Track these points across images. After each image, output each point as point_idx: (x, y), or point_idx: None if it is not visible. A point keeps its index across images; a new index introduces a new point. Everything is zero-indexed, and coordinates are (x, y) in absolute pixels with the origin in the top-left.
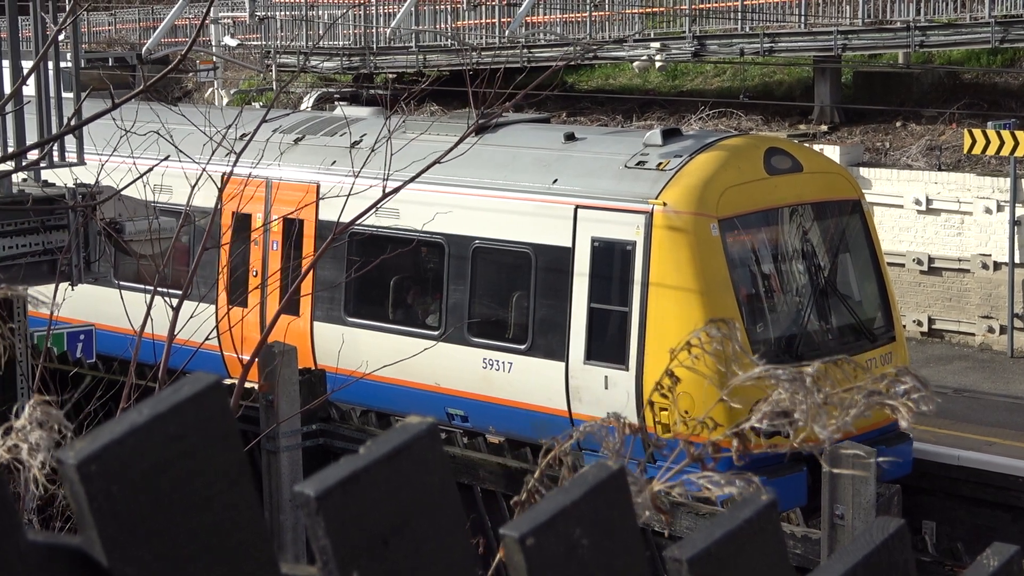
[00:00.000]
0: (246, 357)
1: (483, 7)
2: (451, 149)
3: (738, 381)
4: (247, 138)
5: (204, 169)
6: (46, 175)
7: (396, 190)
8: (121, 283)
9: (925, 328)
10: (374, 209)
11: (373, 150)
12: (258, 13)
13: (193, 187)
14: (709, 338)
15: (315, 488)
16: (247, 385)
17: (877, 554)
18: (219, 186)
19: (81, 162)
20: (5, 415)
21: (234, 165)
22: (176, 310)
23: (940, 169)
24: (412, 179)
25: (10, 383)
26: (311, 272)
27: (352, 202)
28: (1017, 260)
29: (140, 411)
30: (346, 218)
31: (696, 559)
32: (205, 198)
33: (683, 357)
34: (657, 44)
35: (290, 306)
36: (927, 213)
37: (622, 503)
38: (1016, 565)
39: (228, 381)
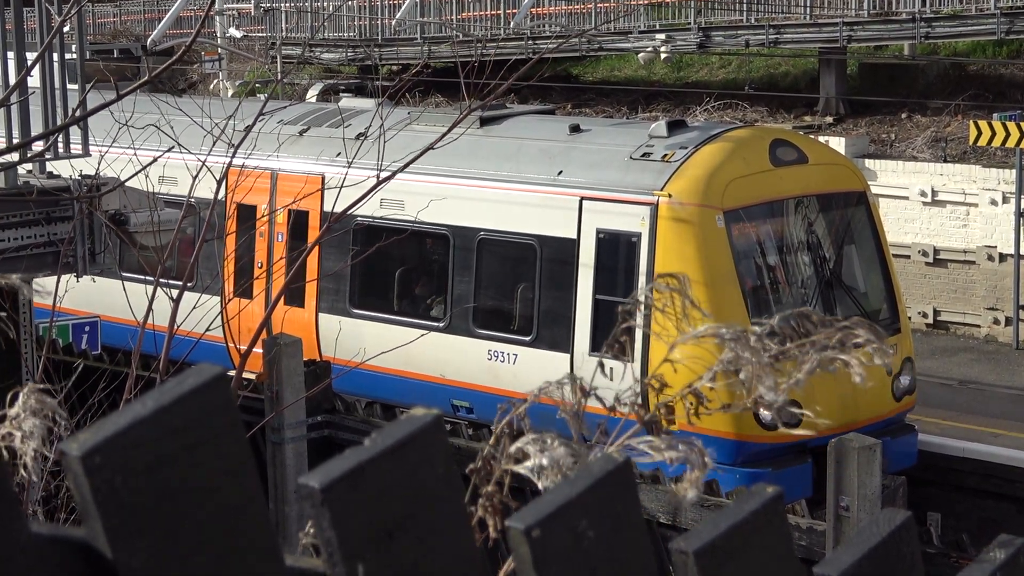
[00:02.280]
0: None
1: None
2: (444, 135)
3: (680, 340)
4: (248, 129)
5: (203, 162)
6: (51, 166)
7: (389, 177)
8: (125, 274)
9: (930, 320)
10: (370, 196)
11: (384, 139)
12: (263, 4)
13: (194, 178)
14: (658, 294)
15: (320, 480)
16: (249, 375)
17: (884, 546)
18: (217, 178)
19: (86, 153)
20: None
21: (233, 155)
22: (176, 301)
23: (945, 161)
24: (404, 167)
25: (14, 374)
26: (317, 264)
27: (356, 193)
28: (1022, 252)
29: (144, 403)
30: (353, 210)
31: (702, 551)
32: (210, 190)
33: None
34: (662, 35)
35: (295, 298)
36: (932, 205)
37: (628, 495)
38: (1022, 557)
39: (232, 372)
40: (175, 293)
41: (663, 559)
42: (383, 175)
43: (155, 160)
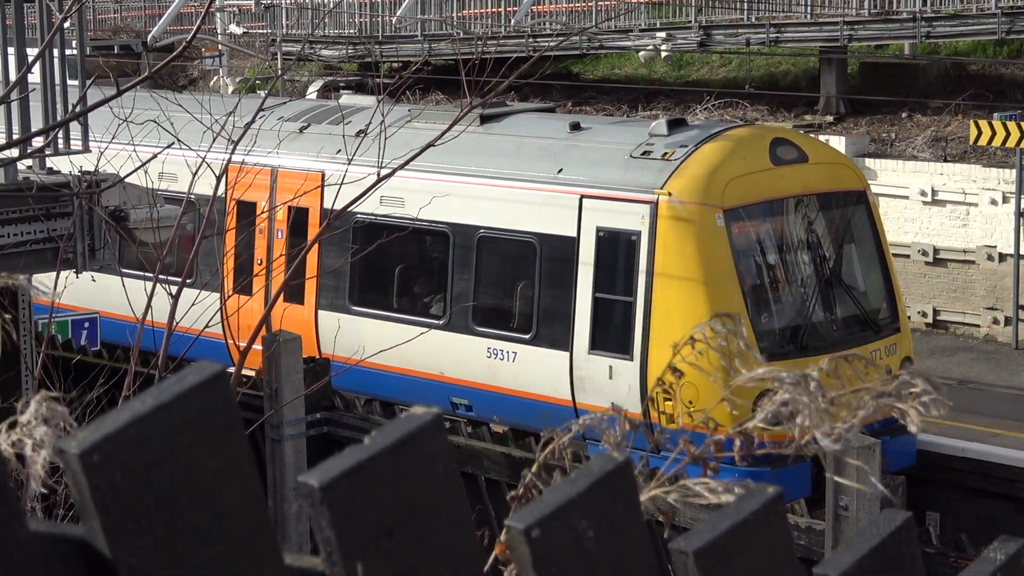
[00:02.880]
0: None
1: None
2: (444, 132)
3: (741, 381)
4: (248, 126)
5: (203, 159)
6: (50, 162)
7: (390, 174)
8: (125, 271)
9: (930, 319)
10: (369, 193)
11: (384, 137)
12: (263, 1)
13: (194, 175)
14: (714, 333)
15: (319, 479)
16: (248, 372)
17: (884, 546)
18: (216, 174)
19: (86, 149)
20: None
21: (233, 152)
22: (175, 298)
23: (946, 160)
24: (404, 164)
25: (13, 368)
26: (317, 261)
27: (356, 190)
28: (1022, 251)
29: (143, 401)
30: (353, 207)
31: (702, 551)
32: (210, 186)
33: (686, 352)
34: (663, 34)
35: (295, 295)
36: (932, 204)
37: (628, 495)
38: (1022, 558)
39: (231, 369)
40: (174, 289)
41: (662, 559)
42: (383, 172)
43: (155, 156)
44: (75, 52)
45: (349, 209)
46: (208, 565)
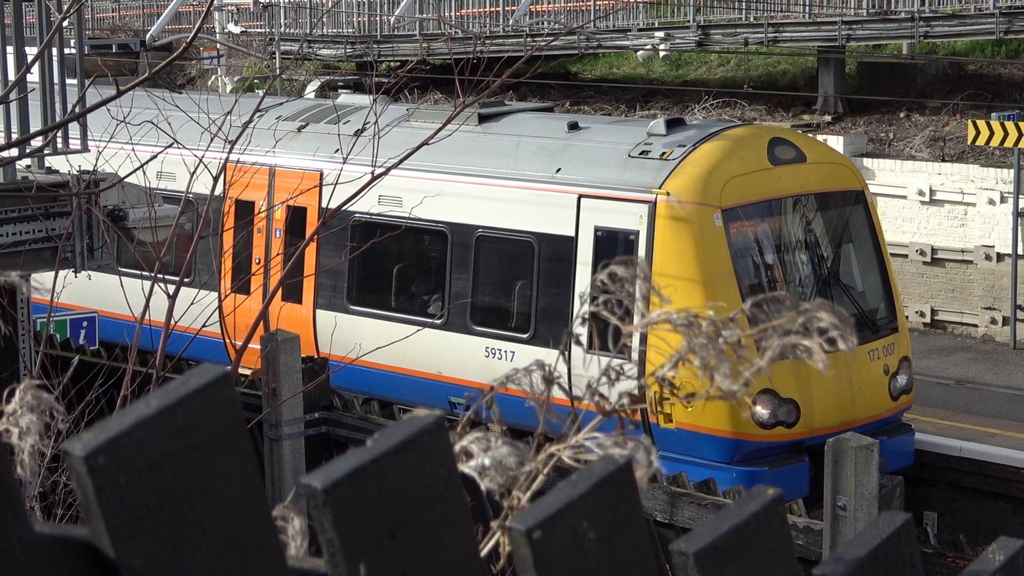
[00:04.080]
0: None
1: None
2: (438, 130)
3: (636, 328)
4: (246, 125)
5: (201, 158)
6: (49, 162)
7: (384, 172)
8: (124, 270)
9: (928, 319)
10: (365, 191)
11: (378, 136)
12: (261, 0)
13: (192, 174)
14: (612, 282)
15: (322, 480)
16: (245, 371)
17: (883, 548)
18: (213, 174)
19: (85, 149)
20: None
21: (230, 151)
22: (173, 297)
23: (944, 160)
24: (400, 162)
25: (11, 367)
26: (315, 260)
27: (354, 190)
28: (1020, 251)
29: (148, 403)
30: (351, 207)
31: (703, 552)
32: (208, 186)
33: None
34: (661, 33)
35: (292, 293)
36: (930, 204)
37: (629, 496)
38: (1022, 560)
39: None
40: (172, 289)
41: (661, 560)
42: (378, 171)
43: (154, 157)
44: (74, 51)
45: (347, 208)
46: (211, 566)
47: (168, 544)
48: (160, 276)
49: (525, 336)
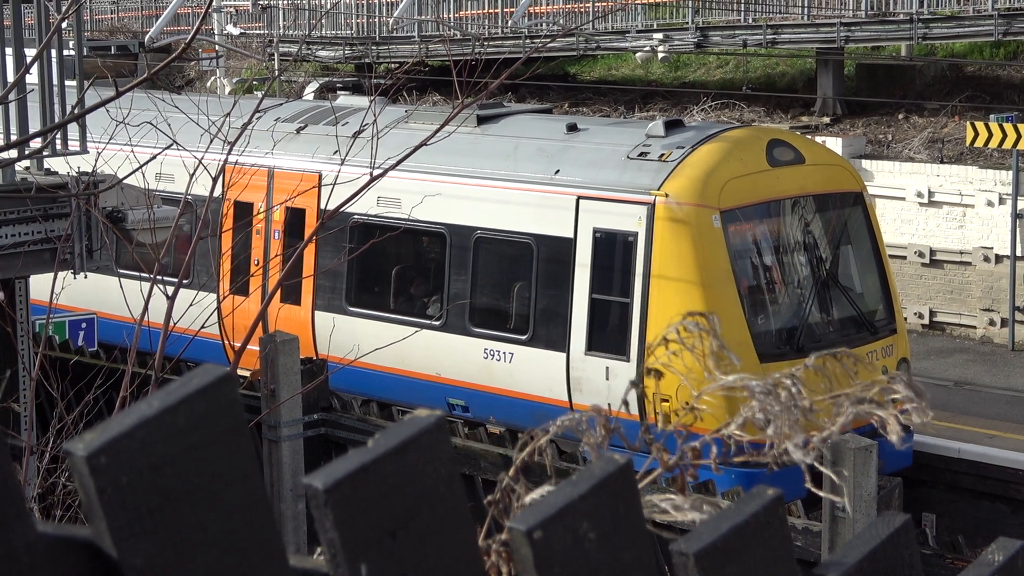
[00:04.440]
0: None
1: None
2: (436, 131)
3: (708, 389)
4: (245, 127)
5: (200, 160)
6: (48, 163)
7: (383, 174)
8: (122, 271)
9: (926, 321)
10: (363, 193)
11: (377, 137)
12: (260, 2)
13: (192, 175)
14: (687, 333)
15: (324, 481)
16: (244, 372)
17: (883, 549)
18: (213, 175)
19: (84, 150)
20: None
21: (229, 152)
22: (172, 299)
23: (942, 162)
24: (398, 163)
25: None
26: (313, 261)
27: (352, 191)
28: (1019, 253)
29: (150, 403)
30: (350, 208)
31: (703, 553)
32: (207, 187)
33: (660, 353)
34: (660, 35)
35: (291, 295)
36: (929, 206)
37: (629, 497)
38: (1021, 561)
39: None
40: (171, 290)
41: (660, 561)
42: (376, 172)
43: (153, 158)
44: (73, 53)
45: (345, 209)
46: (213, 566)
47: (170, 544)
48: (159, 277)
49: (524, 337)
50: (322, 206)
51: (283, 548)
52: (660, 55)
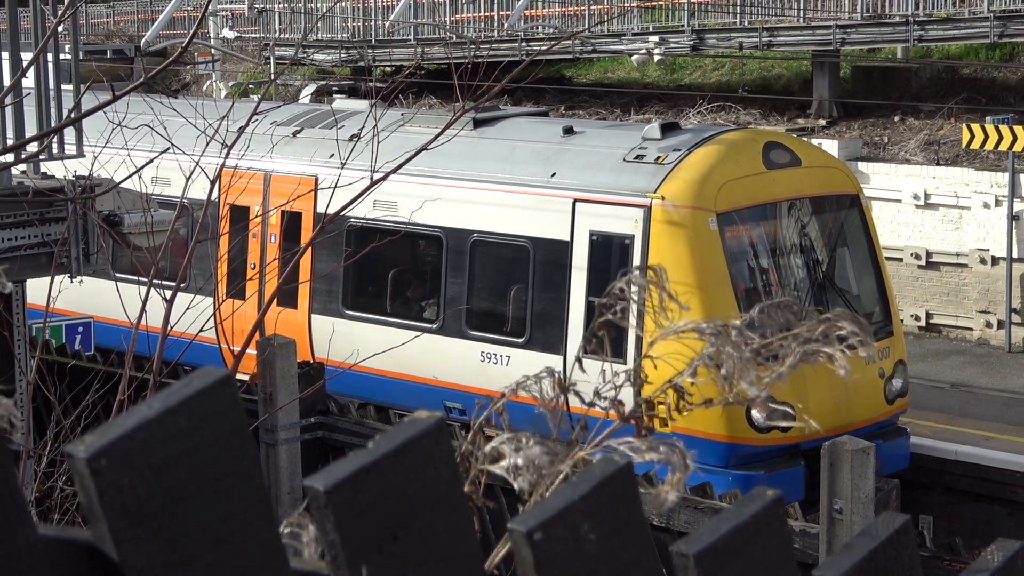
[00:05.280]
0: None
1: (482, 0)
2: (437, 136)
3: (660, 337)
4: (241, 130)
5: (197, 163)
6: (45, 167)
7: (383, 178)
8: (119, 275)
9: (923, 323)
10: (363, 197)
11: (377, 141)
12: (256, 5)
13: (188, 179)
14: (634, 288)
15: (324, 482)
16: (241, 376)
17: (883, 550)
18: (210, 179)
19: (80, 154)
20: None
21: (226, 156)
22: (170, 302)
23: (938, 164)
24: (398, 168)
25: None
26: (310, 265)
27: (349, 194)
28: (1015, 255)
29: (150, 405)
30: (346, 211)
31: (703, 554)
32: (204, 191)
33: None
34: (655, 38)
35: (288, 299)
36: (925, 208)
37: (630, 498)
38: (1020, 561)
39: None
40: (168, 294)
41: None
42: (376, 176)
43: (149, 162)
44: (69, 57)
45: (342, 213)
46: (214, 568)
47: (171, 546)
48: (156, 281)
49: (520, 340)
50: (318, 210)
51: (284, 549)
52: (656, 58)
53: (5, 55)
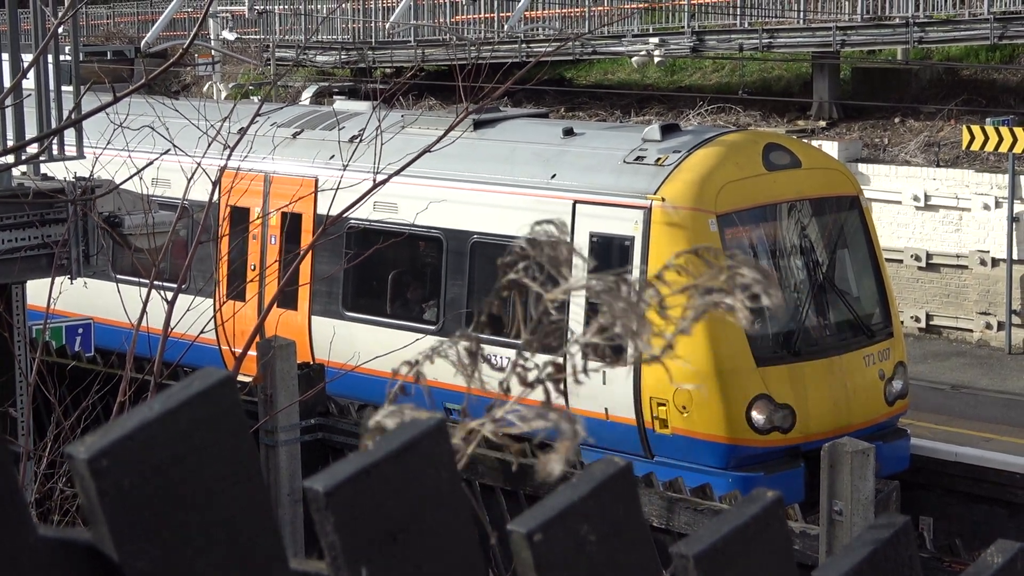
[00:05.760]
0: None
1: (482, 2)
2: (441, 138)
3: (551, 296)
4: (242, 132)
5: (198, 164)
6: (45, 168)
7: (385, 181)
8: (119, 277)
9: (923, 324)
10: (364, 200)
11: (380, 142)
12: (257, 7)
13: (189, 180)
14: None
15: (325, 484)
16: (243, 379)
17: (883, 550)
18: (212, 180)
19: (81, 156)
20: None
21: (227, 158)
22: (171, 304)
23: (938, 165)
24: (400, 170)
25: (6, 373)
26: (310, 266)
27: (350, 196)
28: (1015, 256)
29: (151, 406)
30: (346, 213)
31: (702, 555)
32: (205, 192)
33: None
34: (656, 39)
35: (288, 300)
36: (925, 209)
37: (629, 500)
38: (1020, 563)
39: None
40: (169, 296)
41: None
42: (378, 178)
43: (150, 163)
44: (69, 58)
45: (343, 215)
46: (215, 569)
47: (171, 547)
48: (157, 283)
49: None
50: (319, 211)
51: (284, 551)
52: (656, 59)
53: (5, 56)
